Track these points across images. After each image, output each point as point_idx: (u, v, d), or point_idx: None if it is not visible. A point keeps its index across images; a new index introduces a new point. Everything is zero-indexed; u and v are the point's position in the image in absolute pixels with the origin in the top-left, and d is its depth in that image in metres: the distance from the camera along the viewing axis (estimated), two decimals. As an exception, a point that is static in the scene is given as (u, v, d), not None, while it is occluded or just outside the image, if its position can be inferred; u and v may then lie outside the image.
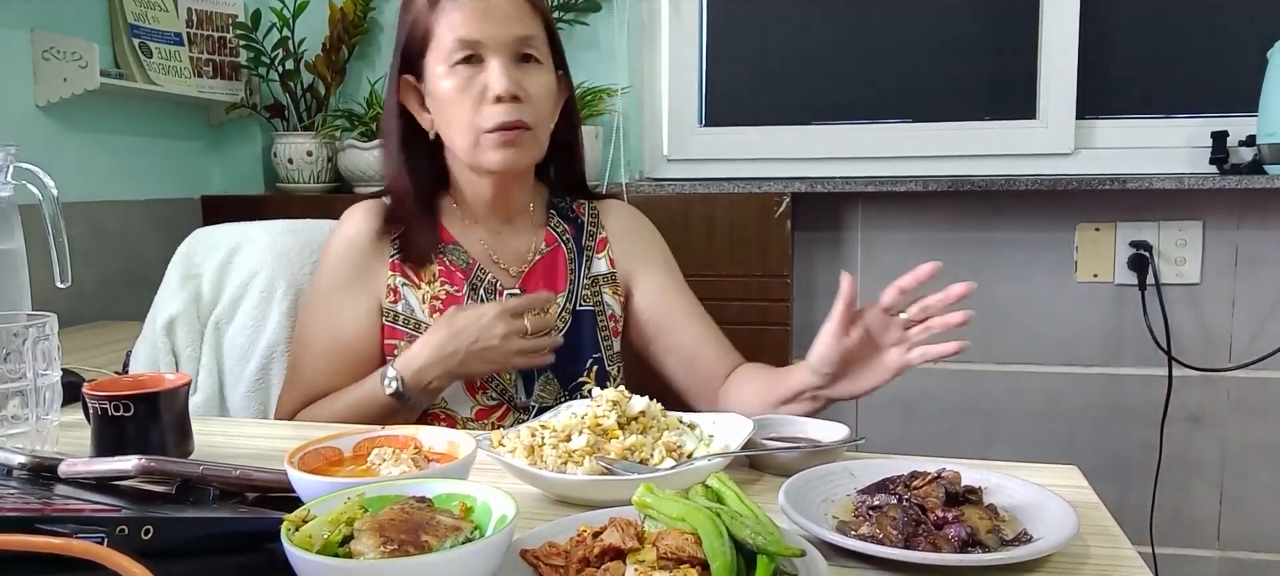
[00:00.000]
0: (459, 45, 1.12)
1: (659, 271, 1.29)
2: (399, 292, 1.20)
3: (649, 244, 1.32)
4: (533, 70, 1.15)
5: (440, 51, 1.14)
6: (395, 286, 1.20)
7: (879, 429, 2.19)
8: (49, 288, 1.06)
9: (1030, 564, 0.66)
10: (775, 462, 0.88)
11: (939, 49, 2.18)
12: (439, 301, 1.20)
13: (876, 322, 1.02)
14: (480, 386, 1.19)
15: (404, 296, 1.20)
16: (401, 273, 1.20)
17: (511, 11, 1.13)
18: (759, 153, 2.24)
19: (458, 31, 1.12)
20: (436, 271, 1.20)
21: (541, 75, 1.16)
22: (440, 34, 1.13)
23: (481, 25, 1.12)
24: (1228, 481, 2.07)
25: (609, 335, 1.26)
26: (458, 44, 1.12)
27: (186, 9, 2.20)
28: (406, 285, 1.20)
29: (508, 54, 1.13)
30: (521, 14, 1.14)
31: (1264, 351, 1.99)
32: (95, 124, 2.02)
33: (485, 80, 1.12)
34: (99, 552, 0.50)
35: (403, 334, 1.19)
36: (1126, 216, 2.04)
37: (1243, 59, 2.00)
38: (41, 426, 0.91)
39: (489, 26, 1.12)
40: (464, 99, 1.13)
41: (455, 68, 1.13)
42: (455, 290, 1.20)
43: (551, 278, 1.24)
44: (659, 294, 1.27)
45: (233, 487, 0.73)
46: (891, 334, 1.02)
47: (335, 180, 2.29)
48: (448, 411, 1.18)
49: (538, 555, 0.61)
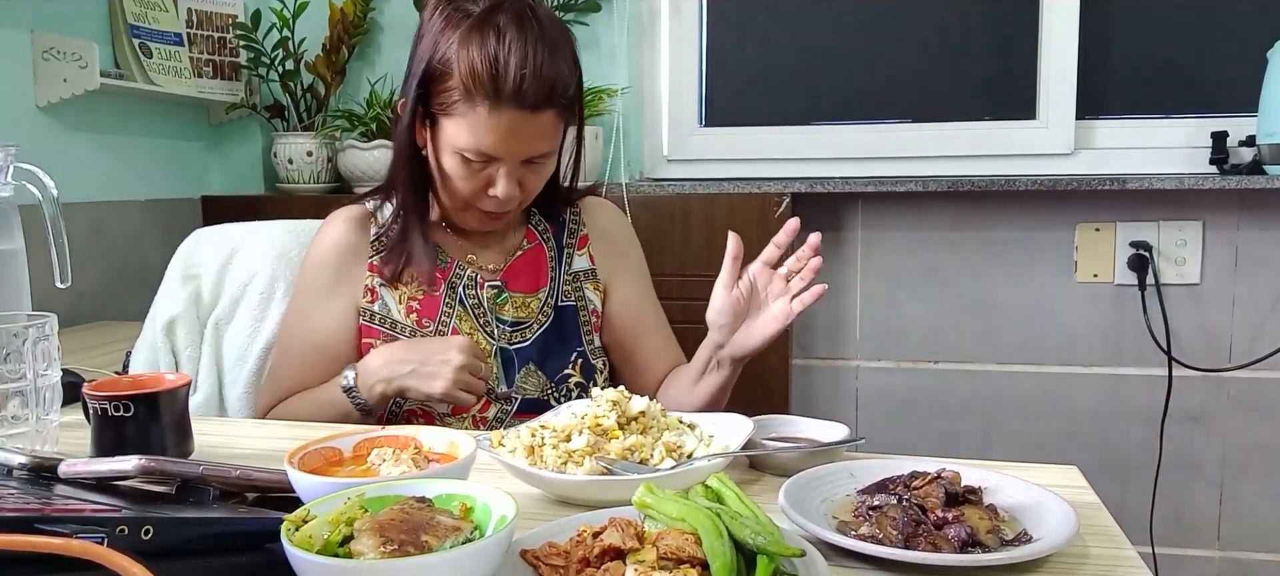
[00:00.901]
0: (478, 153, 1.10)
1: (633, 280, 1.32)
2: (376, 293, 1.21)
3: (626, 249, 1.34)
4: (540, 165, 1.15)
5: (459, 129, 1.09)
6: (373, 287, 1.21)
7: (879, 429, 2.19)
8: (49, 288, 1.06)
9: (1030, 564, 0.66)
10: (775, 462, 0.88)
11: (939, 49, 2.18)
12: (416, 302, 1.20)
13: (762, 277, 1.10)
14: None
15: (381, 296, 1.21)
16: (379, 274, 1.21)
17: (538, 132, 1.10)
18: (759, 153, 2.24)
19: (481, 144, 1.09)
20: (413, 272, 1.21)
21: (546, 165, 1.17)
22: (462, 125, 1.09)
23: (505, 143, 1.09)
24: (1228, 481, 2.07)
25: (591, 330, 1.27)
26: (477, 152, 1.10)
27: (186, 9, 2.20)
28: (384, 286, 1.21)
29: (520, 159, 1.12)
30: (547, 131, 1.11)
31: (1264, 351, 1.99)
32: (95, 124, 2.02)
33: (490, 175, 1.12)
34: (99, 552, 0.50)
35: (379, 332, 1.19)
36: (1126, 216, 2.04)
37: (1243, 59, 2.00)
38: (41, 426, 0.91)
39: (511, 144, 1.09)
40: (466, 184, 1.13)
41: (468, 160, 1.11)
42: (433, 291, 1.20)
43: (533, 273, 1.25)
44: (632, 305, 1.30)
45: (233, 487, 0.73)
46: (775, 287, 1.09)
47: (335, 180, 2.29)
48: (427, 407, 1.17)
49: (538, 555, 0.61)
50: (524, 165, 1.13)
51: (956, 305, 2.14)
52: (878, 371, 2.20)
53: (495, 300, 1.22)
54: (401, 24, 2.23)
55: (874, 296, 2.18)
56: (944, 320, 2.15)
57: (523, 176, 1.14)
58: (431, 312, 1.20)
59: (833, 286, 2.19)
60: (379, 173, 2.12)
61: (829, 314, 2.20)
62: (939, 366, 2.17)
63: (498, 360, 1.20)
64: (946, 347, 2.15)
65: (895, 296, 2.17)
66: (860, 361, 2.20)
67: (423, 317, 1.20)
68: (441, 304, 1.20)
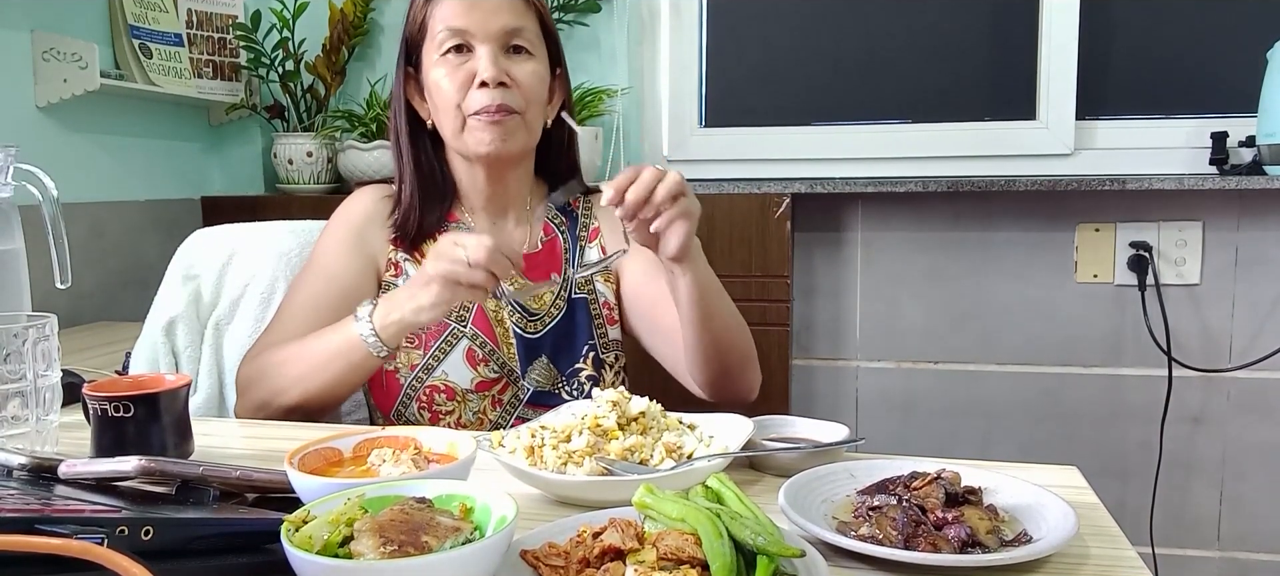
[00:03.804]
0: (449, 34, 1.16)
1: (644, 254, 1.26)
2: (401, 267, 1.22)
3: None
4: (522, 60, 1.18)
5: (433, 41, 1.18)
6: (397, 261, 1.22)
7: (879, 429, 2.19)
8: (49, 288, 1.06)
9: (1030, 564, 0.66)
10: (775, 463, 0.88)
11: (939, 49, 2.18)
12: None
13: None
14: (482, 359, 1.19)
15: (406, 271, 1.22)
16: (404, 249, 1.22)
17: (501, 3, 1.17)
18: (759, 153, 2.24)
19: (448, 21, 1.16)
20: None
21: (531, 64, 1.18)
22: (433, 25, 1.18)
23: (470, 15, 1.15)
24: (1228, 481, 2.07)
25: (603, 323, 1.26)
26: (448, 33, 1.16)
27: (186, 10, 2.20)
28: (408, 260, 1.22)
29: (496, 43, 1.16)
30: (512, 6, 1.18)
31: (1264, 351, 1.99)
32: (95, 124, 2.02)
33: (473, 67, 1.15)
34: (99, 553, 0.50)
35: None
36: (1126, 217, 2.04)
37: (1243, 59, 2.00)
38: (41, 427, 0.90)
39: (478, 16, 1.15)
40: (452, 84, 1.16)
41: (445, 56, 1.16)
42: None
43: (548, 266, 1.26)
44: (644, 275, 1.25)
45: (233, 488, 0.73)
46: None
47: (335, 181, 2.29)
48: (449, 382, 1.19)
49: (538, 555, 0.61)
50: (505, 55, 1.16)
51: (957, 305, 2.14)
52: (878, 372, 2.20)
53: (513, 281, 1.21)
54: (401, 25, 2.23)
55: (874, 296, 2.18)
56: (944, 320, 2.15)
57: (508, 67, 1.16)
58: None
59: (833, 286, 2.19)
60: (379, 173, 2.12)
61: (829, 314, 2.20)
62: (939, 366, 2.17)
63: (517, 347, 1.21)
64: (946, 348, 2.15)
65: (895, 296, 2.17)
66: (860, 362, 2.20)
67: None
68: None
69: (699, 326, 1.09)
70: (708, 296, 1.08)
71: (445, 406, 1.19)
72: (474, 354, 1.19)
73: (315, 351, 1.09)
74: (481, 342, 1.20)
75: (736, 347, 1.14)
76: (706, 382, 1.16)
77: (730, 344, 1.13)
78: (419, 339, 1.19)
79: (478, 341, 1.20)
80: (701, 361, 1.13)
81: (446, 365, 1.19)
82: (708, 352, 1.12)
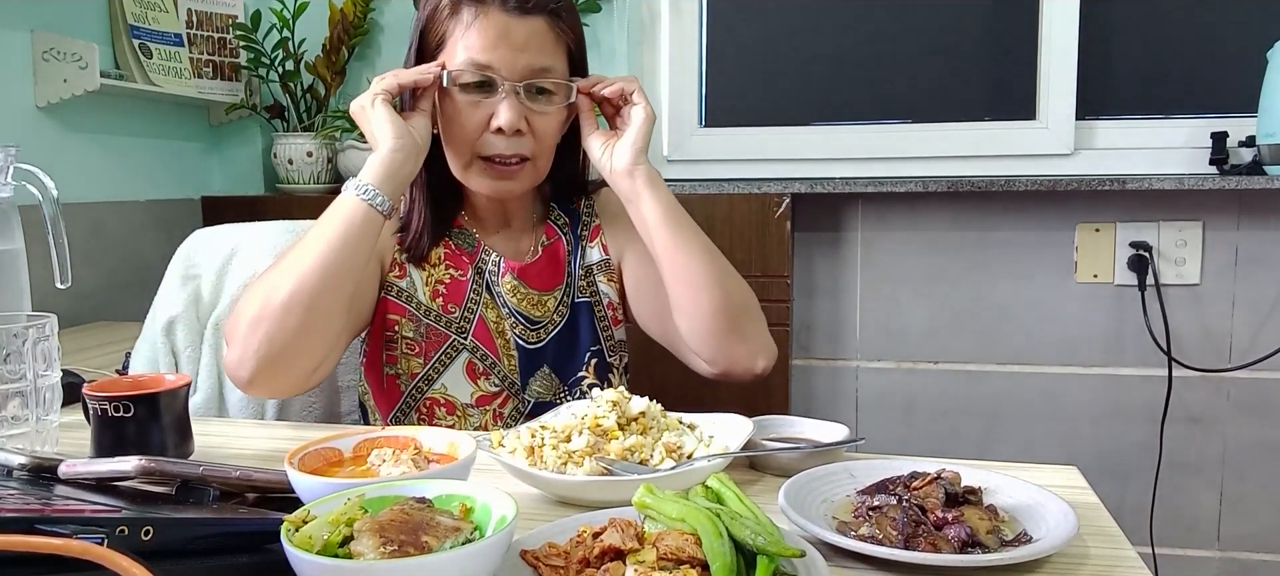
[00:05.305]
0: (472, 69, 1.08)
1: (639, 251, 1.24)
2: (405, 269, 1.19)
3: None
4: (543, 103, 1.11)
5: (452, 55, 1.10)
6: (402, 261, 1.19)
7: (879, 429, 2.19)
8: (49, 288, 1.07)
9: (1030, 564, 0.66)
10: (775, 463, 0.88)
11: (939, 49, 2.18)
12: (443, 285, 1.19)
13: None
14: (483, 372, 1.18)
15: (410, 273, 1.19)
16: (404, 249, 1.20)
17: (531, 41, 1.09)
18: (759, 153, 2.24)
19: (473, 52, 1.08)
20: (441, 254, 1.20)
21: (552, 107, 1.12)
22: (454, 47, 1.09)
23: (496, 50, 1.07)
24: (1228, 481, 2.07)
25: (608, 324, 1.25)
26: (471, 67, 1.08)
27: (186, 10, 2.20)
28: (411, 262, 1.20)
29: (520, 83, 1.09)
30: (543, 44, 1.10)
31: (1264, 351, 1.99)
32: (95, 124, 2.02)
33: (492, 106, 1.09)
34: (99, 553, 0.50)
35: (404, 310, 1.18)
36: (1126, 217, 2.04)
37: (1242, 59, 2.00)
38: (41, 427, 0.91)
39: (504, 52, 1.08)
40: (469, 121, 1.10)
41: (465, 89, 1.09)
42: (460, 274, 1.20)
43: (552, 270, 1.24)
44: (642, 262, 1.22)
45: (233, 488, 0.73)
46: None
47: (335, 181, 2.29)
48: (448, 397, 1.18)
49: (538, 555, 0.61)
50: (528, 99, 1.10)
51: (956, 305, 2.14)
52: (878, 372, 2.20)
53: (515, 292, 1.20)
54: (401, 24, 2.23)
55: (874, 296, 2.18)
56: (944, 320, 2.15)
57: (528, 114, 1.10)
58: (458, 297, 1.19)
59: (833, 286, 2.19)
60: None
61: (829, 314, 2.20)
62: (939, 367, 2.17)
63: (519, 358, 1.19)
64: (946, 348, 2.15)
65: (895, 296, 2.17)
66: (860, 362, 2.20)
67: (449, 302, 1.19)
68: (468, 288, 1.19)
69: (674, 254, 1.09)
70: (674, 220, 1.10)
71: (445, 421, 1.19)
72: (474, 367, 1.18)
73: (308, 239, 1.05)
74: (482, 355, 1.19)
75: (724, 288, 1.10)
76: (705, 344, 1.11)
77: (714, 279, 1.09)
78: (419, 347, 1.18)
79: (478, 353, 1.19)
80: (692, 312, 1.09)
81: (446, 378, 1.18)
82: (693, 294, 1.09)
